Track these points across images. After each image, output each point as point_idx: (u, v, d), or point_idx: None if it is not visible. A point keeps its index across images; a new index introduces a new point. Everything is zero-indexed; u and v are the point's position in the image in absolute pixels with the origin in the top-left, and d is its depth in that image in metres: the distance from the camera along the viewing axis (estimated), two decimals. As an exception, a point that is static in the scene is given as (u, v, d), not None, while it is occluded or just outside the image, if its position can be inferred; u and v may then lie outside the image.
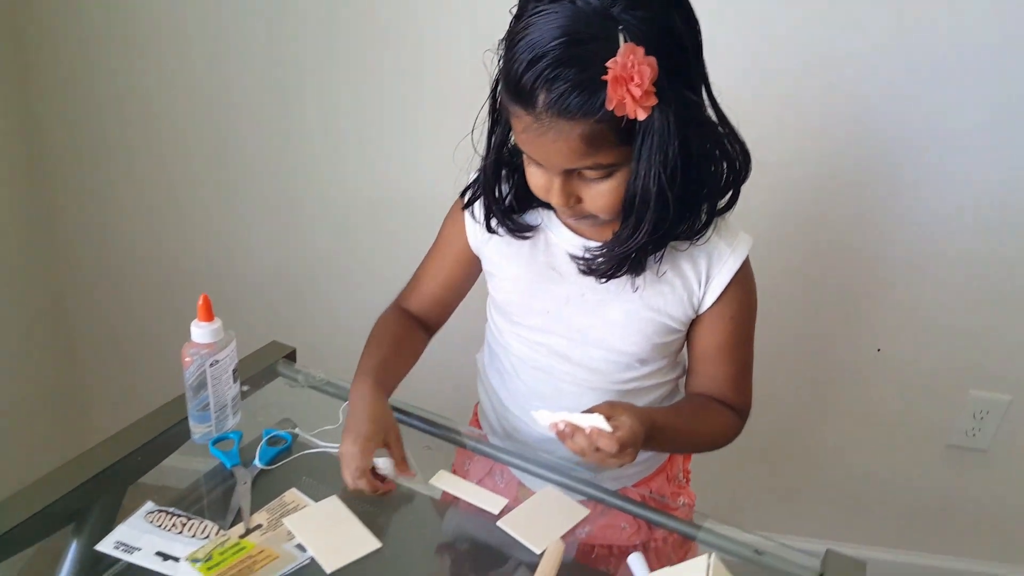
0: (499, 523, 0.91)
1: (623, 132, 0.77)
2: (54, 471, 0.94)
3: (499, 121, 0.91)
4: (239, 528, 0.87)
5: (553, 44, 0.74)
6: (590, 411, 0.84)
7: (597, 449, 0.82)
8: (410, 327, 1.11)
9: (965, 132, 1.50)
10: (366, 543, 0.86)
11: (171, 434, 1.03)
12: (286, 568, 0.83)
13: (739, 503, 1.90)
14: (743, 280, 0.97)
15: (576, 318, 0.99)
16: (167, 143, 1.69)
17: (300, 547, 0.85)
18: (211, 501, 0.95)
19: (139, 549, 0.84)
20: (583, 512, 0.94)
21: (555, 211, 0.97)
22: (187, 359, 0.95)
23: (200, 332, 0.95)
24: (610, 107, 0.74)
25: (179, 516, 0.88)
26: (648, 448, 0.90)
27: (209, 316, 0.95)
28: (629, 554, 0.88)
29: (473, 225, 1.03)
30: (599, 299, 0.97)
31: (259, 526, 0.88)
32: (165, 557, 0.83)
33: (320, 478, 0.97)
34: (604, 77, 0.73)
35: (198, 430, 1.00)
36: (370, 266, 1.75)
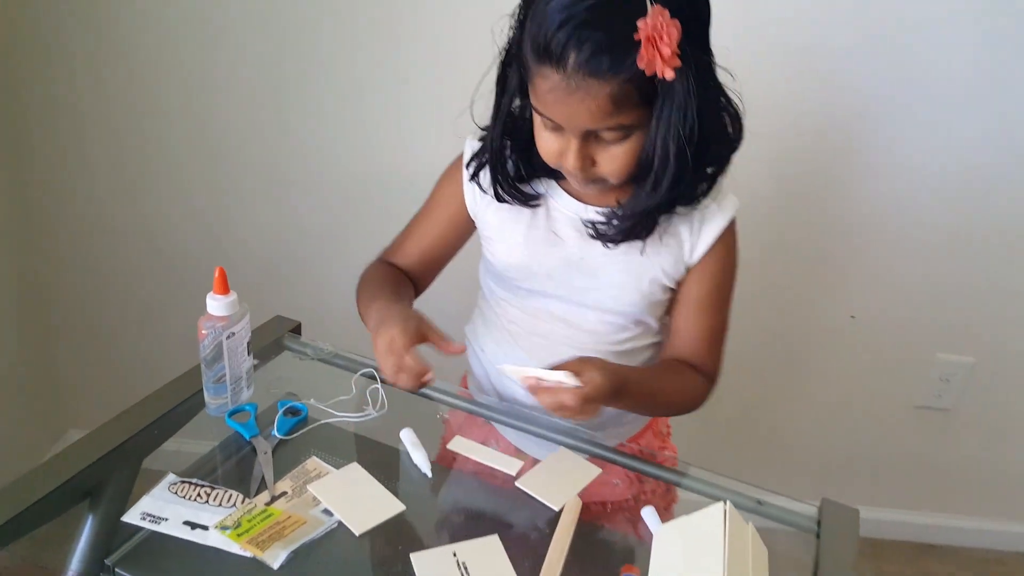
0: (518, 483, 0.94)
1: (646, 93, 0.81)
2: (69, 447, 0.94)
3: (507, 90, 0.93)
4: (264, 496, 0.89)
5: (585, 4, 0.77)
6: (561, 366, 0.88)
7: (562, 404, 0.86)
8: (399, 275, 1.12)
9: (936, 100, 1.56)
10: (391, 506, 0.89)
11: (183, 408, 1.03)
12: (315, 532, 0.85)
13: (713, 463, 1.95)
14: (728, 239, 1.02)
15: (577, 281, 1.02)
16: (148, 122, 1.67)
17: (327, 512, 0.87)
18: (231, 471, 0.96)
19: (166, 519, 0.85)
20: (595, 471, 0.97)
21: (557, 179, 1.01)
22: (203, 332, 0.96)
23: (216, 305, 0.96)
24: (640, 65, 0.77)
25: (203, 486, 0.90)
26: (616, 405, 0.96)
27: (225, 289, 0.96)
28: (621, 509, 0.92)
29: (473, 190, 1.05)
30: (599, 263, 1.01)
31: (284, 493, 0.90)
32: (193, 526, 0.85)
33: (338, 446, 0.99)
34: (636, 36, 0.76)
35: (214, 402, 1.01)
36: (366, 240, 1.74)
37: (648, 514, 0.91)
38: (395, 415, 1.07)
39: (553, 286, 1.04)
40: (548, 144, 0.90)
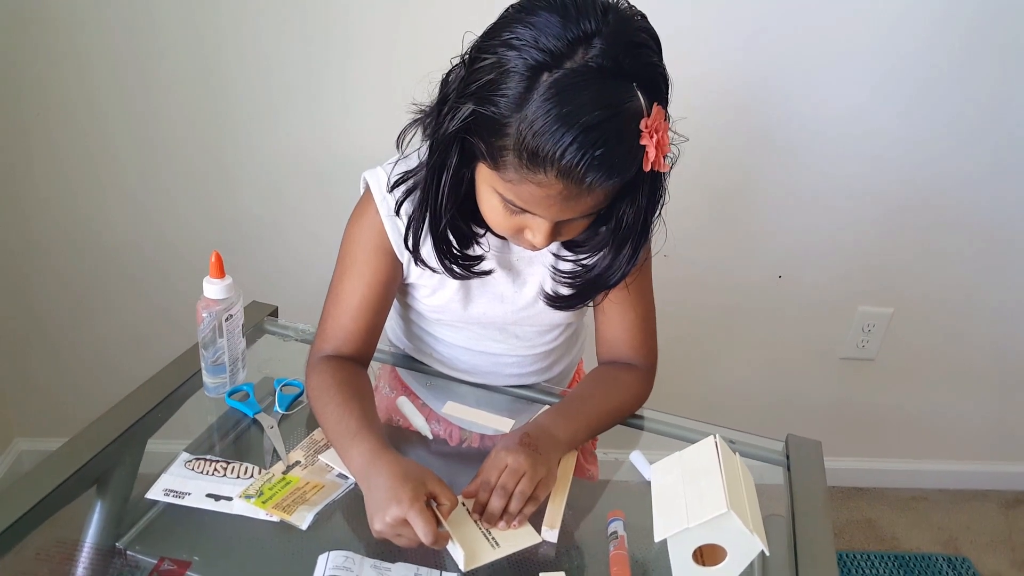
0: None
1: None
2: (74, 438, 0.97)
3: (445, 167, 0.84)
4: (280, 466, 0.93)
5: (591, 116, 0.72)
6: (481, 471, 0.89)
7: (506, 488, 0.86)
8: (357, 377, 0.98)
9: (847, 58, 1.65)
10: (402, 466, 0.95)
11: (180, 391, 1.06)
12: (334, 494, 0.90)
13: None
14: None
15: (511, 310, 1.03)
16: (85, 111, 1.63)
17: (342, 476, 0.93)
18: (239, 447, 1.00)
19: (189, 493, 0.89)
20: (573, 454, 1.04)
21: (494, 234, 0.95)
22: (201, 315, 1.00)
23: (213, 288, 0.99)
24: (646, 168, 0.76)
25: (218, 461, 0.94)
26: (556, 446, 0.94)
27: (221, 273, 0.99)
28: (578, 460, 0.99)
29: (398, 235, 0.95)
30: (532, 290, 1.00)
31: (297, 463, 0.94)
32: (217, 498, 0.89)
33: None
34: (641, 141, 0.74)
35: (213, 382, 1.04)
36: (329, 222, 1.73)
37: (637, 458, 1.00)
38: (386, 387, 1.13)
39: (488, 319, 1.04)
40: (504, 222, 0.85)
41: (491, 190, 0.83)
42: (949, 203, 1.82)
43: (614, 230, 0.87)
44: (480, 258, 0.95)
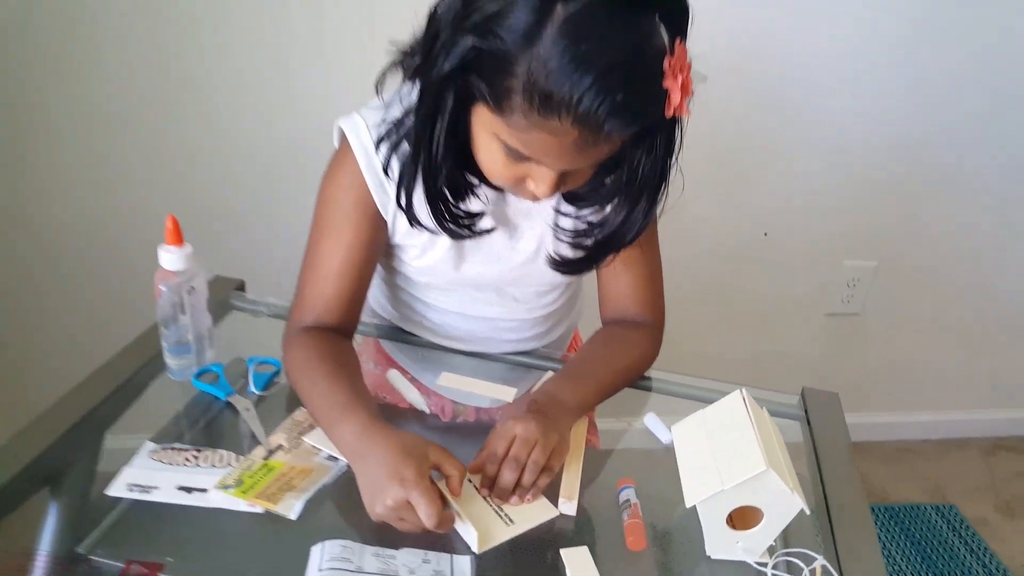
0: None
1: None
2: (19, 433, 0.86)
3: (441, 112, 0.74)
4: (260, 451, 0.84)
5: (611, 57, 0.65)
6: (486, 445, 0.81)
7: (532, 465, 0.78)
8: (342, 350, 0.89)
9: (832, 8, 1.59)
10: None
11: (140, 376, 0.96)
12: (324, 479, 0.81)
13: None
14: None
15: (509, 269, 0.94)
16: (28, 81, 1.51)
17: (332, 458, 0.84)
18: (211, 433, 0.90)
19: (156, 488, 0.79)
20: (583, 419, 0.97)
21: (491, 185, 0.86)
22: (159, 288, 0.89)
23: (171, 258, 0.89)
24: (670, 113, 0.68)
25: (187, 450, 0.84)
26: (566, 413, 0.87)
27: (179, 239, 0.89)
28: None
29: (381, 191, 0.86)
30: (528, 246, 0.92)
31: (280, 447, 0.85)
32: (189, 490, 0.79)
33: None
34: (664, 83, 0.67)
35: (177, 364, 0.94)
36: (296, 192, 1.65)
37: (652, 420, 0.92)
38: (371, 361, 1.04)
39: (483, 280, 0.96)
40: (504, 172, 0.77)
41: (491, 137, 0.74)
42: (932, 155, 1.80)
43: (628, 182, 0.79)
44: (479, 215, 0.87)
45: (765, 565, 0.73)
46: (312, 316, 0.90)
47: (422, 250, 0.92)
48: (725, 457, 0.71)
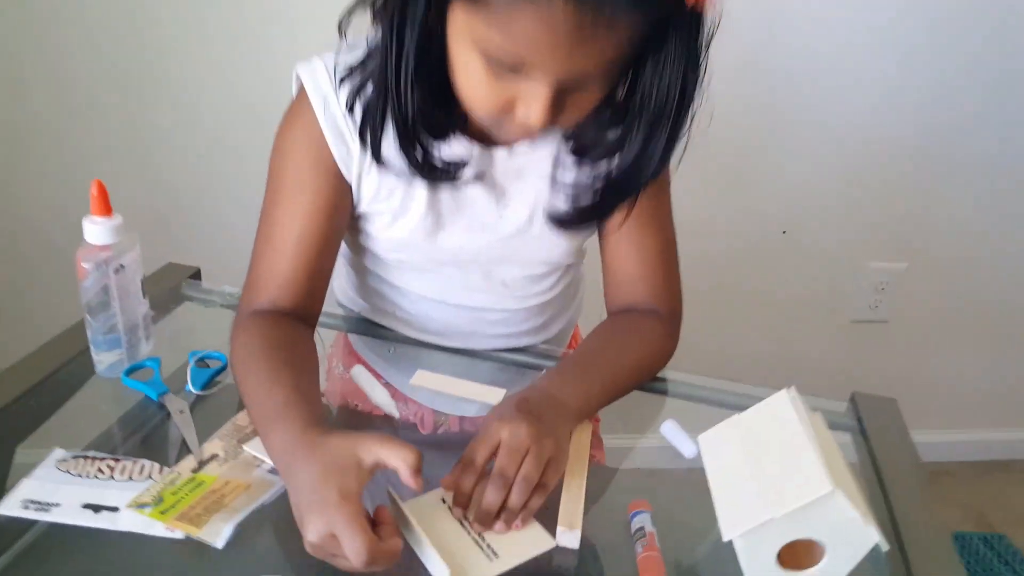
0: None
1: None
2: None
3: (410, 21, 0.62)
4: (189, 462, 0.68)
5: None
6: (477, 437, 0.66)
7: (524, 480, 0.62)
8: (293, 341, 0.74)
9: (851, 4, 1.49)
10: (358, 455, 0.70)
11: (65, 374, 0.81)
12: (264, 496, 0.65)
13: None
14: None
15: (496, 242, 0.80)
16: None
17: (275, 472, 0.68)
18: (137, 442, 0.75)
19: (57, 505, 0.64)
20: (588, 425, 0.81)
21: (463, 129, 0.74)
22: (83, 267, 0.74)
23: (97, 230, 0.74)
24: (690, 1, 0.57)
25: (103, 459, 0.68)
26: (584, 412, 0.74)
27: (106, 209, 0.74)
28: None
29: (344, 146, 0.73)
30: (517, 213, 0.78)
31: (214, 456, 0.69)
32: (97, 509, 0.63)
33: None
34: None
35: (105, 359, 0.79)
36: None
37: (670, 429, 0.76)
38: (335, 357, 0.88)
39: (465, 254, 0.81)
40: (489, 96, 0.63)
41: (471, 48, 0.60)
42: (963, 148, 1.66)
43: (640, 108, 0.65)
44: (462, 164, 0.72)
45: (824, 616, 0.57)
46: (265, 297, 0.75)
47: (393, 217, 0.77)
48: (774, 476, 0.55)
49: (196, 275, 1.01)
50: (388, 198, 0.75)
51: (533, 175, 0.76)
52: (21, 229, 1.50)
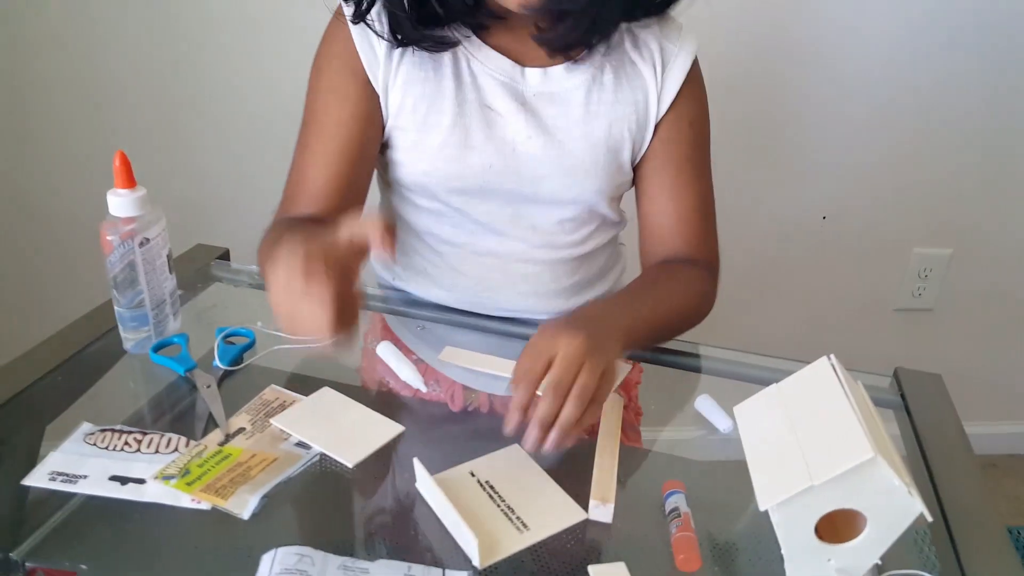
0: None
1: None
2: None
3: None
4: (216, 435, 0.68)
5: None
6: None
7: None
8: (311, 222, 0.77)
9: None
10: (385, 429, 0.69)
11: (91, 352, 0.81)
12: (291, 469, 0.64)
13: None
14: (696, 83, 0.84)
15: (524, 167, 0.80)
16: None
17: (302, 445, 0.67)
18: (165, 416, 0.74)
19: (84, 477, 0.63)
20: (625, 368, 0.79)
21: (474, 29, 0.78)
22: (107, 240, 0.74)
23: (120, 202, 0.73)
24: None
25: (130, 433, 0.68)
26: (611, 347, 0.69)
27: (130, 180, 0.74)
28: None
29: (373, 59, 0.77)
30: (546, 141, 0.79)
31: (241, 430, 0.68)
32: (124, 481, 0.63)
33: (298, 373, 0.78)
34: None
35: (133, 336, 0.79)
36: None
37: (705, 403, 0.74)
38: (362, 334, 0.87)
39: (498, 180, 0.81)
40: None
41: None
42: (1011, 130, 1.60)
43: None
44: (448, 40, 0.76)
45: (867, 591, 0.54)
46: (289, 206, 0.79)
47: (418, 133, 0.78)
48: (813, 444, 0.53)
49: (224, 256, 1.00)
50: (413, 111, 0.77)
51: (565, 100, 0.77)
52: (55, 213, 1.52)
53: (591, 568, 0.56)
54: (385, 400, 0.78)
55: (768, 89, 1.54)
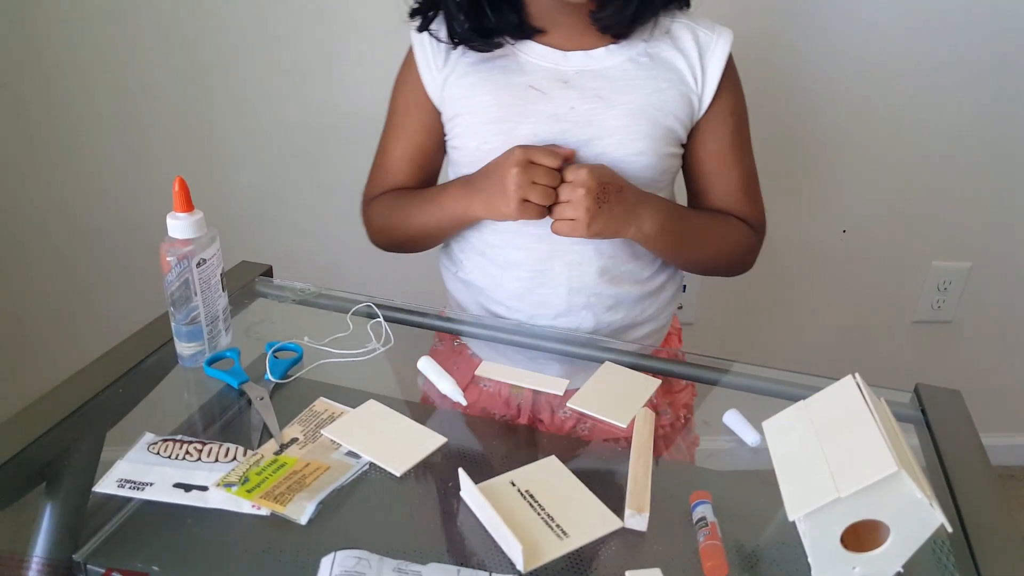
0: (570, 404, 0.79)
1: None
2: (12, 419, 0.76)
3: None
4: (271, 445, 0.72)
5: None
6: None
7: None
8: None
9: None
10: (429, 440, 0.73)
11: (147, 365, 0.85)
12: (344, 478, 0.68)
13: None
14: (732, 68, 0.93)
15: (570, 134, 0.87)
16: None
17: (352, 455, 0.71)
18: (221, 426, 0.78)
19: (150, 484, 0.68)
20: (655, 382, 0.83)
21: (525, 36, 0.90)
22: (167, 260, 0.78)
23: (179, 225, 0.78)
24: None
25: (191, 442, 0.72)
26: (664, 236, 0.88)
27: (188, 205, 0.78)
28: (660, 437, 0.78)
29: (429, 70, 0.92)
30: (591, 107, 0.88)
31: (295, 440, 0.73)
32: (187, 488, 0.67)
33: (345, 386, 0.82)
34: None
35: (188, 350, 0.83)
36: (322, 178, 1.57)
37: (733, 418, 0.77)
38: (402, 349, 0.91)
39: (544, 134, 0.89)
40: None
41: None
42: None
43: None
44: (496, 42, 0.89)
45: (890, 598, 0.58)
46: (376, 187, 1.00)
47: (471, 115, 0.90)
48: (840, 457, 0.56)
49: (268, 272, 1.05)
50: (468, 98, 0.90)
51: (606, 75, 0.88)
52: (107, 228, 1.57)
53: (628, 573, 0.59)
54: (425, 414, 0.82)
55: (786, 104, 1.57)
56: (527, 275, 0.93)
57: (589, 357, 0.89)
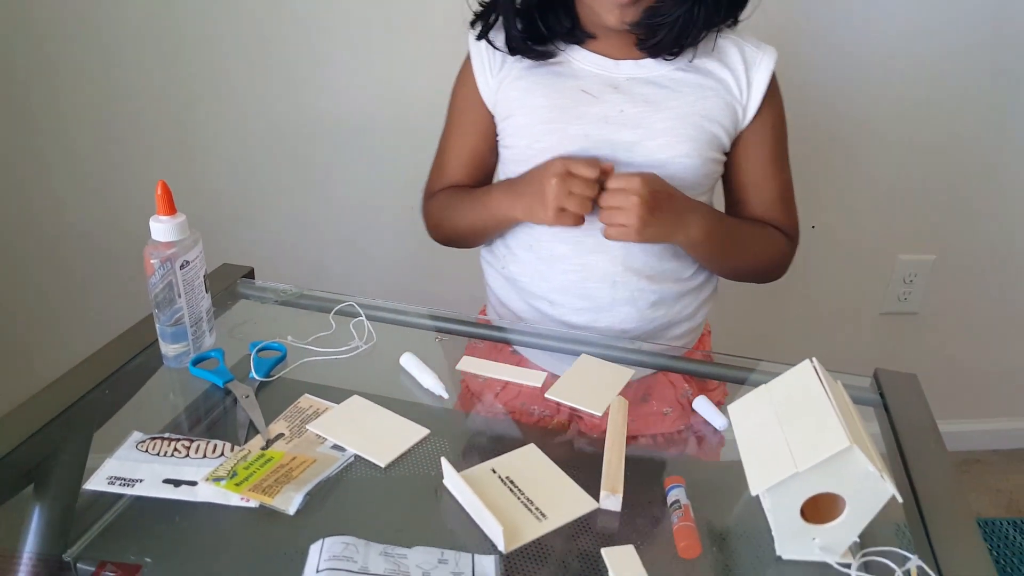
0: (548, 394, 0.83)
1: None
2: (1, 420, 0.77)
3: None
4: (258, 440, 0.74)
5: None
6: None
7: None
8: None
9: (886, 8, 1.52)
10: (412, 432, 0.76)
11: (133, 366, 0.87)
12: (329, 470, 0.71)
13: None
14: (776, 88, 0.97)
15: (618, 135, 0.91)
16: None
17: (337, 448, 0.74)
18: (207, 424, 0.81)
19: (140, 480, 0.70)
20: (627, 372, 0.87)
21: (578, 42, 0.94)
22: (150, 263, 0.80)
23: (162, 228, 0.80)
24: None
25: (179, 439, 0.74)
26: (709, 243, 0.91)
27: (170, 208, 0.80)
28: (671, 442, 0.82)
29: (484, 74, 0.96)
30: (639, 111, 0.91)
31: (280, 435, 0.75)
32: (177, 483, 0.69)
33: (329, 383, 0.85)
34: None
35: (172, 350, 0.85)
36: (301, 181, 1.59)
37: (702, 404, 0.81)
38: (385, 346, 0.94)
39: (593, 146, 0.92)
40: None
41: None
42: (992, 139, 1.67)
43: None
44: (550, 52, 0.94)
45: (848, 567, 0.61)
46: (436, 185, 1.04)
47: (524, 117, 0.94)
48: (798, 436, 0.60)
49: (250, 275, 1.07)
50: (521, 102, 0.94)
51: (655, 81, 0.91)
52: (97, 229, 1.58)
53: (604, 550, 0.62)
54: (409, 406, 0.84)
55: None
56: (572, 268, 0.95)
57: (625, 360, 0.91)
